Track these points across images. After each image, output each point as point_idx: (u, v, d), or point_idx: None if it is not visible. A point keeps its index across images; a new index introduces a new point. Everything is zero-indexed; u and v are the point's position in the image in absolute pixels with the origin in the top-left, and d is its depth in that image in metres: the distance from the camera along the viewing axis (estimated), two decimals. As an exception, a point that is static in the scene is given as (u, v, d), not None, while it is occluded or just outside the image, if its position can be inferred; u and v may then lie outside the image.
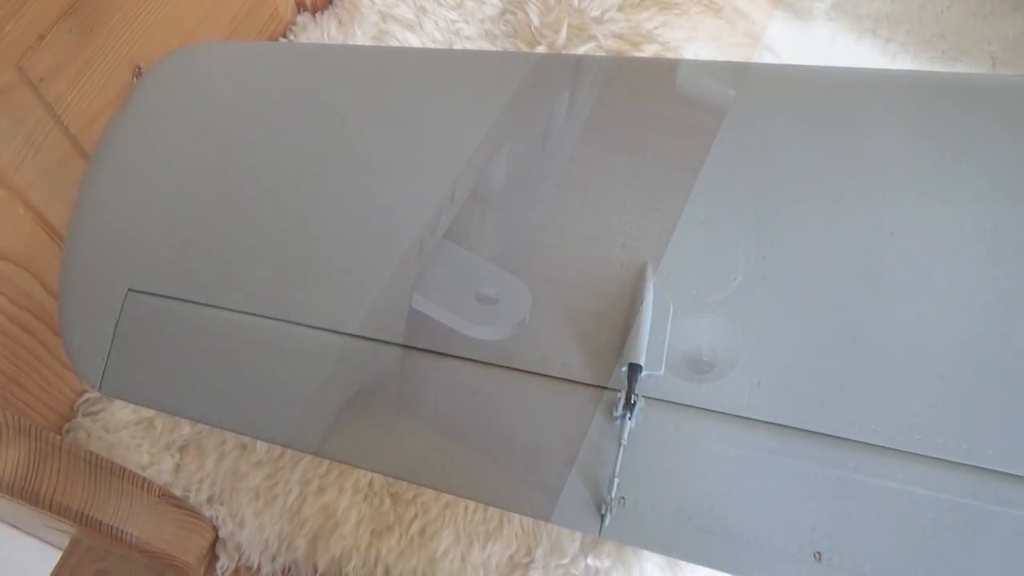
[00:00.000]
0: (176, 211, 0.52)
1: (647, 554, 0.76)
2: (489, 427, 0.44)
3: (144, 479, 0.64)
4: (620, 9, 1.15)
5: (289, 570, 0.76)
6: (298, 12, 1.05)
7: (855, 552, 0.40)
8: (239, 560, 0.75)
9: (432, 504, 0.77)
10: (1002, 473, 0.40)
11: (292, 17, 1.07)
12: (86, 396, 0.78)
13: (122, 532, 0.59)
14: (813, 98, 0.51)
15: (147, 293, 0.47)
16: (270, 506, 0.75)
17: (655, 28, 1.14)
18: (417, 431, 0.43)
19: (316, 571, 0.75)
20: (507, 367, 0.44)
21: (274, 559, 0.75)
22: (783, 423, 0.42)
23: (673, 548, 0.42)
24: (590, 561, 0.76)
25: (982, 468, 0.40)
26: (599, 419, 0.43)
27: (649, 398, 0.42)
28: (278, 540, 0.75)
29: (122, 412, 0.77)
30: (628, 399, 0.41)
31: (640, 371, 0.42)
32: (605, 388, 0.43)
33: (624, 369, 0.42)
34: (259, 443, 0.77)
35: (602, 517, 0.41)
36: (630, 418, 0.42)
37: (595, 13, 1.14)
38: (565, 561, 0.76)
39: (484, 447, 0.43)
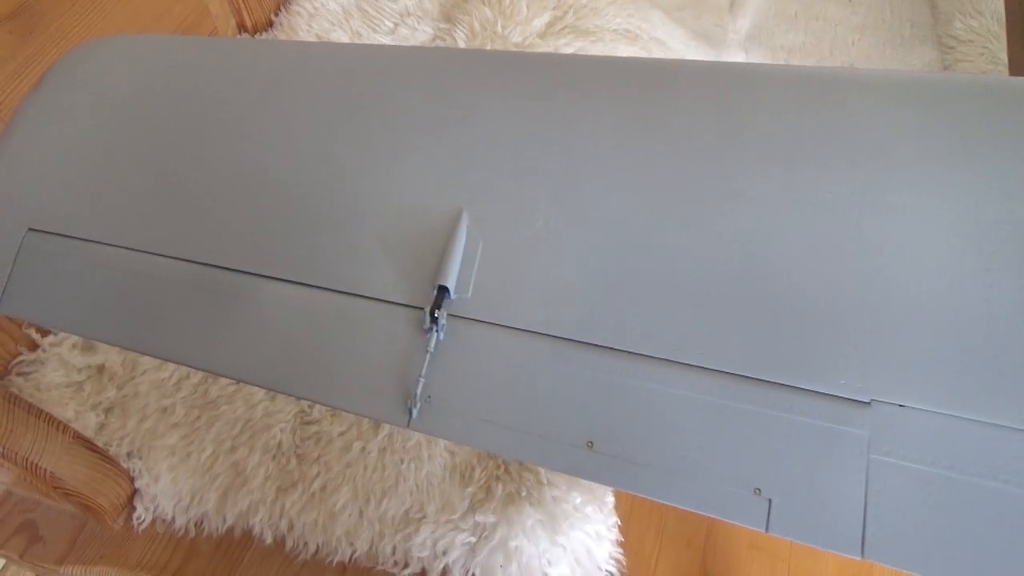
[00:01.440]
0: (74, 164, 0.62)
1: (529, 510, 0.83)
2: (321, 340, 0.52)
3: (61, 422, 0.72)
4: (541, 36, 1.27)
5: (201, 522, 0.83)
6: (239, 32, 1.15)
7: (621, 441, 0.49)
8: (155, 511, 0.83)
9: (334, 463, 0.85)
10: (748, 378, 0.48)
11: (232, 37, 1.17)
12: (20, 358, 0.86)
13: (37, 466, 0.67)
14: (633, 83, 0.61)
15: (45, 232, 0.57)
16: (184, 463, 0.83)
17: (573, 53, 1.25)
18: (261, 343, 0.52)
19: (225, 523, 0.83)
20: (341, 291, 0.53)
21: (187, 511, 0.83)
22: (565, 336, 0.51)
23: (470, 438, 0.50)
24: (478, 518, 0.83)
25: (731, 374, 0.49)
26: (414, 333, 0.52)
27: (457, 316, 0.51)
28: (190, 494, 0.82)
29: (54, 374, 0.85)
30: (432, 314, 0.50)
31: (447, 292, 0.51)
32: (421, 308, 0.52)
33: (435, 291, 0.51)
34: (179, 407, 0.85)
35: (409, 411, 0.49)
36: (437, 331, 0.50)
37: (517, 39, 1.25)
38: (455, 517, 0.84)
39: (316, 356, 0.52)
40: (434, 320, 0.51)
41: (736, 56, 1.45)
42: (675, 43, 1.40)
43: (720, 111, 0.59)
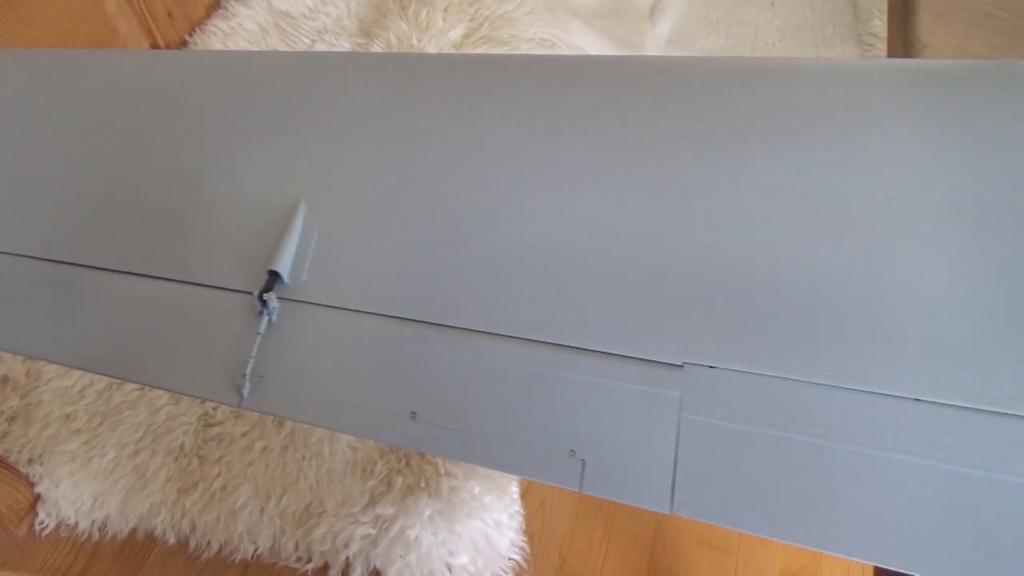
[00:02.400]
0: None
1: (427, 500, 0.85)
2: (160, 328, 0.55)
3: (-48, 429, 0.74)
4: (457, 47, 1.30)
5: (104, 525, 0.85)
6: (158, 53, 1.18)
7: (444, 411, 0.51)
8: (57, 516, 0.84)
9: (235, 463, 0.87)
10: (564, 346, 0.51)
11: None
12: (-78, 371, 0.88)
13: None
14: (475, 76, 0.64)
15: None
16: (85, 467, 0.84)
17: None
18: (102, 333, 0.55)
19: (127, 525, 0.84)
20: (180, 280, 0.56)
21: (89, 515, 0.84)
22: (391, 314, 0.53)
23: (302, 414, 0.53)
24: (378, 510, 0.85)
25: (549, 343, 0.51)
26: (248, 317, 0.54)
27: (289, 299, 0.54)
28: (92, 498, 0.84)
29: (-43, 387, 0.87)
30: (261, 297, 0.53)
31: (280, 277, 0.53)
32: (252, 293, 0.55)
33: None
34: (81, 413, 0.87)
35: (239, 390, 0.52)
36: (268, 314, 0.53)
37: (433, 51, 1.28)
38: (355, 510, 0.86)
39: (154, 343, 0.54)
40: (264, 303, 0.53)
41: (656, 61, 1.49)
42: (594, 50, 1.44)
43: (545, 94, 0.62)
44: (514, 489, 0.91)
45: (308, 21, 1.28)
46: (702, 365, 0.50)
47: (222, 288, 0.56)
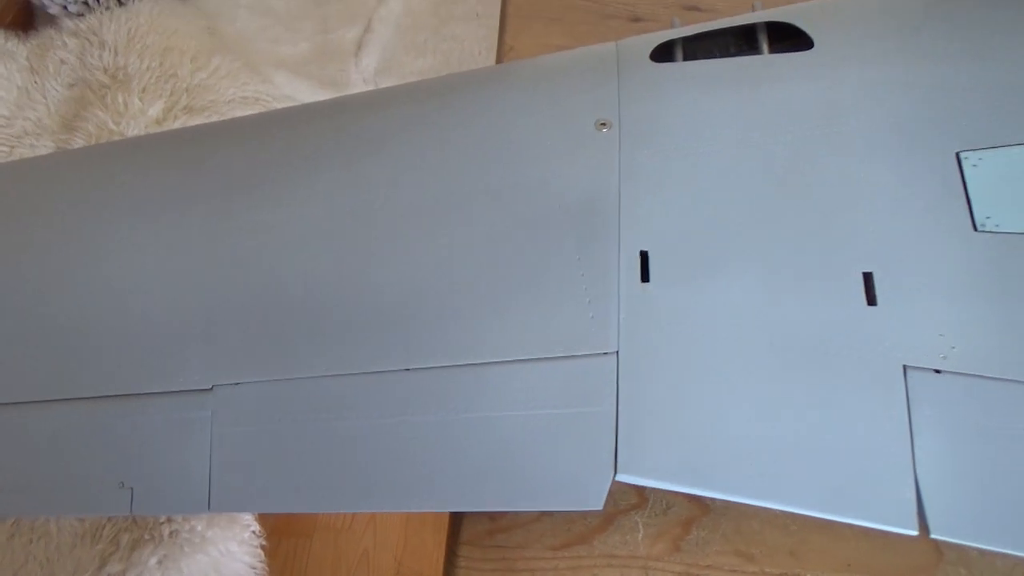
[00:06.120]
0: None
1: (151, 549, 0.93)
2: None
3: None
4: (159, 123, 1.38)
5: None
6: None
7: (11, 480, 0.60)
8: None
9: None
10: (103, 397, 0.60)
11: None
12: None
13: None
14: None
15: None
16: None
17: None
18: None
19: None
20: None
21: None
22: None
23: None
24: (107, 569, 0.93)
25: (89, 398, 0.61)
26: None
27: None
28: None
29: None
30: None
31: None
32: None
33: None
34: None
35: None
36: None
37: (136, 132, 1.36)
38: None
39: None
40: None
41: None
42: (304, 96, 1.54)
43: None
44: (246, 517, 1.00)
45: (4, 129, 1.33)
46: (229, 384, 0.60)
47: None
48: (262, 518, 1.18)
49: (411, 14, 1.72)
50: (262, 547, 0.99)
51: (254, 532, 0.99)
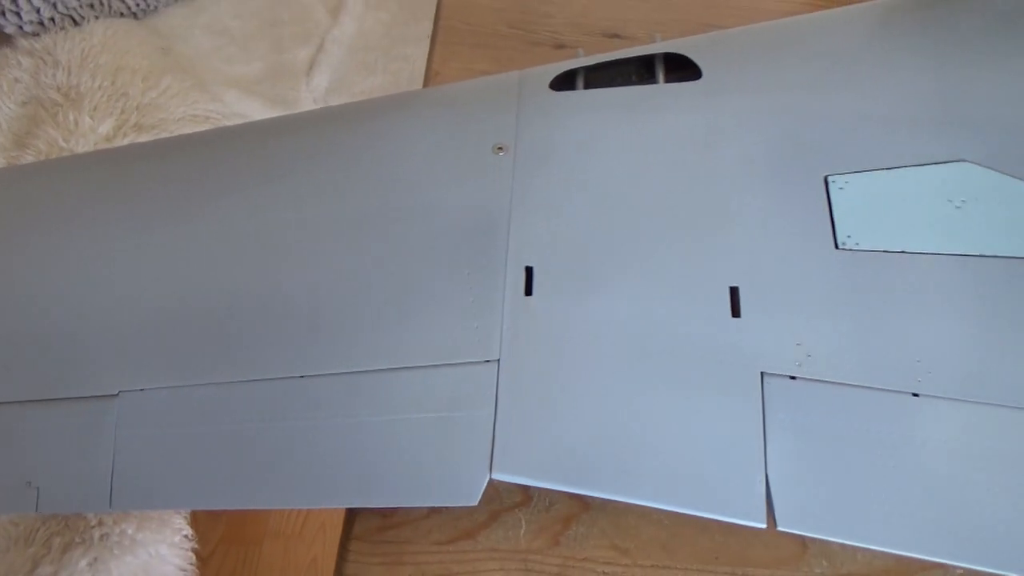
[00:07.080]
0: None
1: (81, 551, 0.96)
2: None
3: None
4: (109, 140, 1.42)
5: None
6: None
7: None
8: None
9: None
10: (14, 403, 0.64)
11: None
12: None
13: None
14: None
15: None
16: None
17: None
18: None
19: None
20: None
21: None
22: None
23: None
24: (38, 571, 0.96)
25: (7, 402, 0.64)
26: None
27: None
28: None
29: None
30: None
31: None
32: None
33: None
34: None
35: None
36: None
37: (86, 149, 1.39)
38: (19, 578, 0.96)
39: None
40: None
41: (318, 111, 1.65)
42: (255, 114, 1.58)
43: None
44: (178, 522, 1.03)
45: (-48, 148, 1.37)
46: (134, 390, 0.64)
47: None
48: (209, 526, 1.21)
49: (363, 35, 1.77)
50: (194, 551, 1.02)
51: (185, 536, 1.03)
